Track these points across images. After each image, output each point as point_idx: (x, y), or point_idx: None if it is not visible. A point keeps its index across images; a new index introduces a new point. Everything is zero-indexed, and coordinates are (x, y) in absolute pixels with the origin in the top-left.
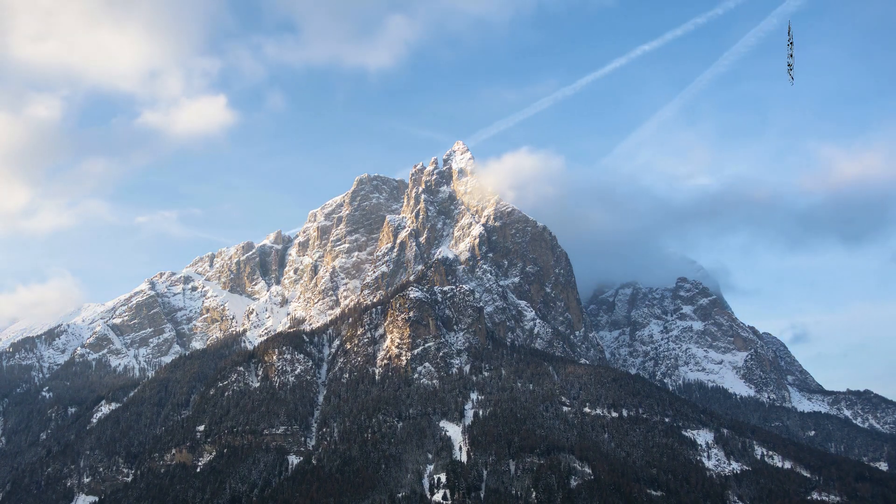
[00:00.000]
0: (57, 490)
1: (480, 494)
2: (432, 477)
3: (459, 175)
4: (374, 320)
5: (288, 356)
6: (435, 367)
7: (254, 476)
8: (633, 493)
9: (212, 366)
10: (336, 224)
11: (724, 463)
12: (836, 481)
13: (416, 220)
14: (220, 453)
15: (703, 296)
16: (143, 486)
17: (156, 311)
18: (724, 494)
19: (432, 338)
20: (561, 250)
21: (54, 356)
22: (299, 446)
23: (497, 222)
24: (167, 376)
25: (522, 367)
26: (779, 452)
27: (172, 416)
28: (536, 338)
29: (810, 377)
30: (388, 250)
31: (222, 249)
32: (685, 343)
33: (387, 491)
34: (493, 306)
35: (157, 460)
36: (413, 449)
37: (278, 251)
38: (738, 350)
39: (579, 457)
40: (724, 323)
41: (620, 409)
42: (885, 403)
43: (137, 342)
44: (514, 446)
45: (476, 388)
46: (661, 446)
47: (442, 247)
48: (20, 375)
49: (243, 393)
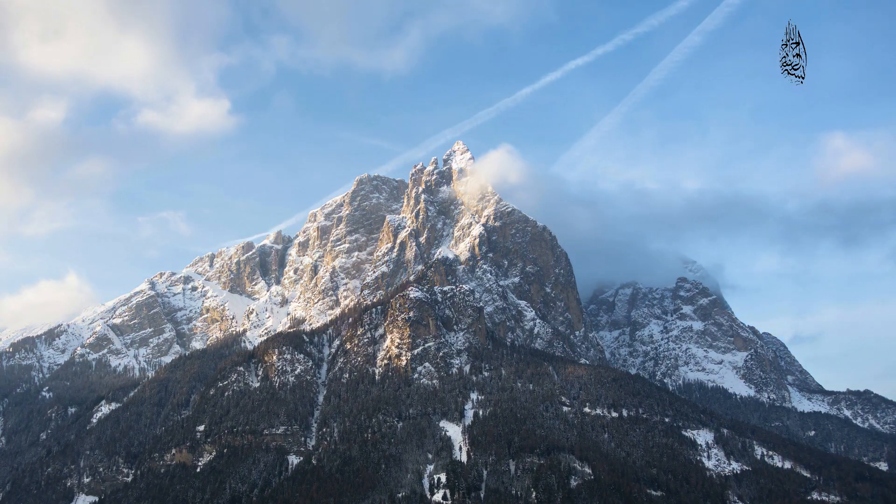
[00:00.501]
0: (57, 490)
1: (480, 494)
2: (432, 477)
3: (459, 175)
4: (374, 320)
5: (288, 356)
6: (435, 367)
7: (254, 476)
8: (633, 493)
9: (212, 366)
10: (336, 224)
11: (724, 463)
12: (836, 481)
13: (416, 220)
14: (220, 453)
15: (703, 296)
16: (143, 486)
17: (156, 311)
18: (724, 494)
19: (432, 338)
20: (561, 250)
21: (54, 356)
22: (299, 446)
23: (497, 222)
24: (167, 376)
25: (522, 367)
26: (779, 452)
27: (172, 416)
28: (536, 338)
29: (810, 377)
30: (388, 250)
31: (222, 249)
32: (685, 343)
33: (387, 491)
34: (493, 306)
35: (157, 460)
36: (413, 449)
37: (278, 251)
38: (738, 350)
39: (579, 457)
40: (724, 323)
41: (620, 409)
42: (885, 403)
43: (137, 342)
44: (514, 446)
45: (476, 388)
46: (661, 446)
47: (442, 247)
48: (20, 375)
49: (243, 393)
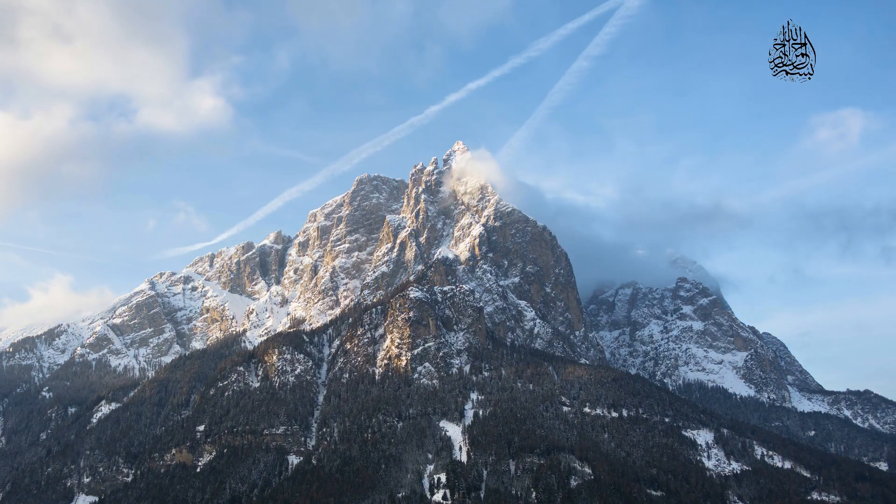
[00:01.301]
0: (57, 490)
1: (480, 494)
2: (432, 477)
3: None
4: (374, 320)
5: (288, 356)
6: (435, 367)
7: (254, 476)
8: (633, 493)
9: (212, 366)
10: (336, 224)
11: (724, 463)
12: (836, 481)
13: (416, 220)
14: (220, 453)
15: (703, 296)
16: (143, 486)
17: (156, 311)
18: (724, 494)
19: (432, 338)
20: (561, 250)
21: (54, 356)
22: (299, 446)
23: (497, 222)
24: (167, 376)
25: (522, 367)
26: (779, 452)
27: (172, 416)
28: (536, 338)
29: (810, 377)
30: (388, 250)
31: (222, 249)
32: (685, 343)
33: (387, 491)
34: (493, 306)
35: (157, 460)
36: (413, 449)
37: (278, 251)
38: (738, 350)
39: (579, 457)
40: (724, 323)
41: (620, 409)
42: (885, 403)
43: (137, 342)
44: (514, 446)
45: (476, 388)
46: (661, 446)
47: (442, 247)
48: (20, 375)
49: (243, 393)
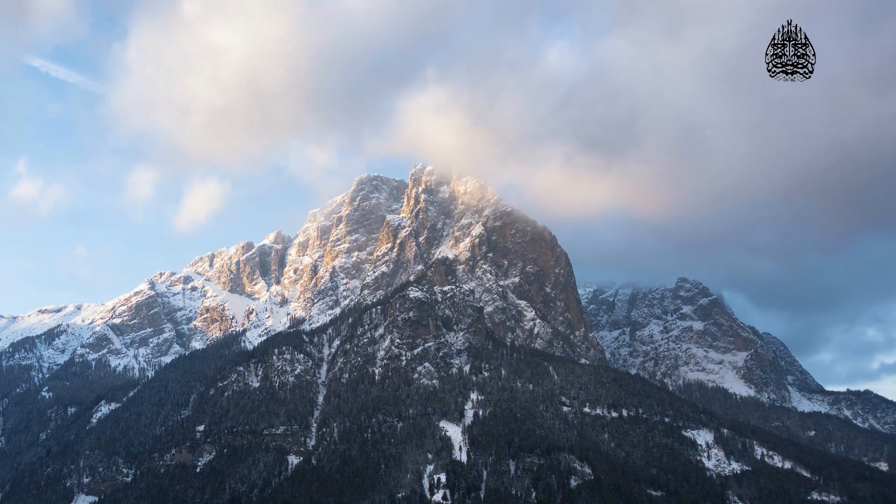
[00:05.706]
0: (57, 490)
1: (480, 494)
2: (432, 477)
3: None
4: (373, 320)
5: (288, 356)
6: (435, 367)
7: (254, 476)
8: (633, 493)
9: (212, 366)
10: (336, 224)
11: (724, 463)
12: (836, 481)
13: (415, 220)
14: (220, 453)
15: (703, 296)
16: (143, 486)
17: (156, 310)
18: (724, 494)
19: (432, 338)
20: (561, 250)
21: (54, 356)
22: (299, 446)
23: (497, 222)
24: (167, 376)
25: (522, 367)
26: (779, 452)
27: (172, 416)
28: (536, 338)
29: (810, 377)
30: (388, 250)
31: (222, 249)
32: (685, 343)
33: (387, 491)
34: (493, 306)
35: (157, 460)
36: (413, 449)
37: (278, 251)
38: (738, 350)
39: (579, 457)
40: (724, 323)
41: (620, 409)
42: (885, 403)
43: (137, 342)
44: (514, 446)
45: (476, 388)
46: (661, 446)
47: (442, 247)
48: (20, 375)
49: (243, 393)
